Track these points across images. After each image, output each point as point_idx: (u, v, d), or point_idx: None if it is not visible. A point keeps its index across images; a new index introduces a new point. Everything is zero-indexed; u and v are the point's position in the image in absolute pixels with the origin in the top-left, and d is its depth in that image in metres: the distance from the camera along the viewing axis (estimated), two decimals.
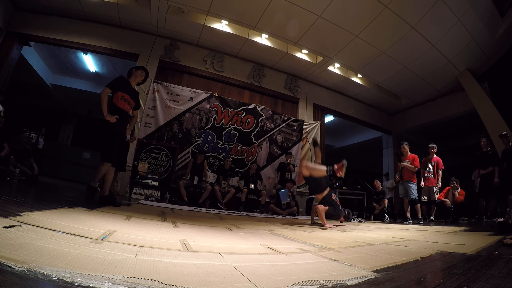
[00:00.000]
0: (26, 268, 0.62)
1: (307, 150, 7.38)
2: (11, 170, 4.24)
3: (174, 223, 2.12)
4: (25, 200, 2.23)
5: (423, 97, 7.92)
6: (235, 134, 6.57)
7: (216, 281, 0.72)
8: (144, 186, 5.04)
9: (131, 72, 3.14)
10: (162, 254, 1.00)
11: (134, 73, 3.11)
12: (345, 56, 6.42)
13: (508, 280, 0.95)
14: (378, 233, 2.72)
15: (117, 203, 2.84)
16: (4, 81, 5.70)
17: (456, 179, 5.77)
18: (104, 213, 2.10)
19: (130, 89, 3.06)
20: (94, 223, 1.52)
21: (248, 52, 6.71)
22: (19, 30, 5.63)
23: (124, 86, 2.98)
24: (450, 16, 4.96)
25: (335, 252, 1.41)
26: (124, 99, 2.94)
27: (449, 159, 8.26)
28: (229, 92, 6.86)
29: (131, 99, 3.04)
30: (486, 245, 1.84)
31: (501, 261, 1.33)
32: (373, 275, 0.93)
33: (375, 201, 6.11)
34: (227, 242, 1.55)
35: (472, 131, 7.97)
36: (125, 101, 2.94)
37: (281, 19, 5.38)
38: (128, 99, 2.98)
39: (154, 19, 5.76)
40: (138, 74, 3.13)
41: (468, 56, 6.06)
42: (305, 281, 0.78)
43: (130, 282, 0.63)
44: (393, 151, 8.79)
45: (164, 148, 5.89)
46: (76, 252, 0.82)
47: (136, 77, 3.13)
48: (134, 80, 3.13)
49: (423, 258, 1.36)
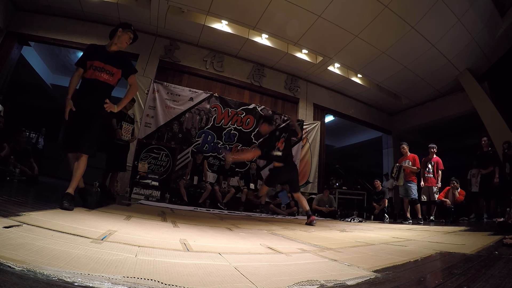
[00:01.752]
0: (26, 268, 0.62)
1: (307, 150, 7.38)
2: (11, 170, 4.24)
3: (174, 223, 2.12)
4: (25, 200, 2.23)
5: (423, 97, 7.92)
6: (235, 134, 6.57)
7: (216, 281, 0.72)
8: (144, 186, 5.04)
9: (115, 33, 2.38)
10: (162, 254, 1.00)
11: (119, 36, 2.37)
12: (345, 56, 6.42)
13: (508, 280, 0.95)
14: (378, 233, 2.72)
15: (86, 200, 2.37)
16: (4, 81, 5.70)
17: (456, 179, 5.78)
18: (104, 213, 2.11)
19: (106, 54, 2.34)
20: (94, 223, 1.52)
21: (248, 52, 6.71)
22: (19, 30, 5.63)
23: (94, 54, 2.32)
24: (450, 16, 4.96)
25: (335, 252, 1.40)
26: (95, 67, 2.28)
27: (449, 159, 8.27)
28: (229, 92, 6.86)
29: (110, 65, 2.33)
30: (486, 245, 1.84)
31: (501, 261, 1.33)
32: (373, 275, 0.93)
33: (375, 201, 6.11)
34: (227, 242, 1.55)
35: (472, 131, 7.98)
36: (96, 69, 2.27)
37: (281, 19, 5.38)
38: (101, 66, 2.29)
39: (154, 19, 5.76)
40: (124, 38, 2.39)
41: (468, 56, 6.06)
42: (305, 281, 0.78)
43: (130, 282, 0.63)
44: (393, 152, 8.80)
45: (164, 148, 5.89)
46: (76, 252, 0.82)
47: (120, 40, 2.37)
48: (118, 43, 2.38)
49: (423, 258, 1.36)
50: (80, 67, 2.30)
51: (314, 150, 7.43)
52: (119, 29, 2.37)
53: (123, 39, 2.39)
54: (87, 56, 2.31)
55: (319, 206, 6.14)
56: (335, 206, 6.32)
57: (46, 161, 7.43)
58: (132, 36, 2.44)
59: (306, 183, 7.19)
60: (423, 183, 5.35)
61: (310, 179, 7.25)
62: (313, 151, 7.42)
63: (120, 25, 2.41)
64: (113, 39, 2.38)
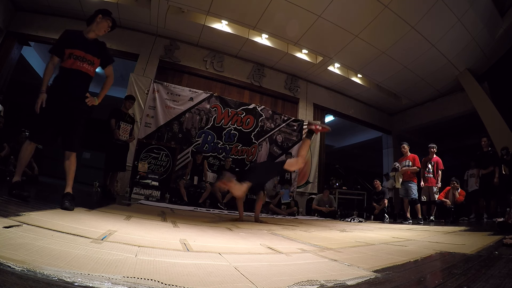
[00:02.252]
0: (26, 268, 0.62)
1: (307, 150, 7.38)
2: (11, 170, 4.25)
3: (174, 223, 2.12)
4: (25, 200, 2.23)
5: (423, 97, 7.92)
6: (235, 134, 6.57)
7: (216, 281, 0.72)
8: (144, 186, 5.04)
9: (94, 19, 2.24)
10: (162, 254, 1.00)
11: (98, 22, 2.22)
12: (345, 56, 6.42)
13: (508, 280, 0.95)
14: (378, 233, 2.72)
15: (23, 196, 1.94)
16: (4, 81, 5.70)
17: (457, 179, 5.78)
18: (104, 213, 2.11)
19: (85, 42, 2.19)
20: (94, 223, 1.52)
21: (248, 52, 6.71)
22: (19, 30, 5.63)
23: (72, 41, 2.15)
24: (450, 16, 4.96)
25: (335, 252, 1.40)
26: (76, 56, 2.12)
27: (449, 159, 8.27)
28: (229, 92, 6.86)
29: (91, 54, 2.19)
30: (486, 245, 1.84)
31: (501, 261, 1.33)
32: (373, 275, 0.93)
33: (375, 201, 6.11)
34: (227, 242, 1.55)
35: (472, 131, 7.97)
36: (76, 58, 2.13)
37: (281, 19, 5.38)
38: (82, 56, 2.15)
39: (154, 19, 5.76)
40: (103, 25, 2.24)
41: (468, 56, 6.06)
42: (305, 281, 0.78)
43: (130, 282, 0.63)
44: (393, 152, 8.80)
45: (164, 148, 5.89)
46: (76, 252, 0.82)
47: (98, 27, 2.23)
48: (96, 30, 2.23)
49: (423, 258, 1.36)
50: (56, 55, 2.14)
51: (314, 150, 7.43)
52: (99, 15, 2.23)
53: (102, 26, 2.25)
54: (65, 43, 2.14)
55: (319, 206, 6.14)
56: (335, 206, 6.32)
57: (46, 161, 7.43)
58: (111, 24, 2.31)
59: (306, 183, 7.19)
60: (423, 183, 5.35)
61: (310, 179, 7.25)
62: (313, 151, 7.42)
63: (100, 11, 2.27)
64: (91, 25, 2.24)
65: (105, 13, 2.26)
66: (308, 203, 6.74)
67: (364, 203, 7.29)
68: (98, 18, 2.24)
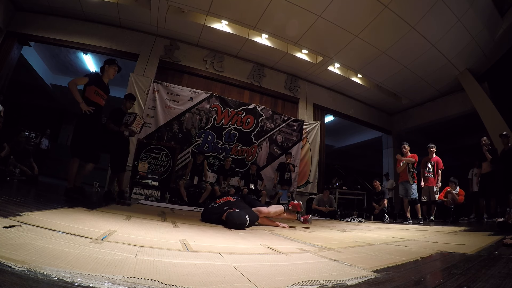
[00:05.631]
0: (26, 268, 0.62)
1: (307, 150, 7.39)
2: (11, 170, 4.25)
3: (174, 223, 2.12)
4: (25, 200, 2.23)
5: (423, 97, 7.92)
6: (235, 134, 6.56)
7: (216, 281, 0.72)
8: (144, 186, 5.04)
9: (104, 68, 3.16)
10: (162, 254, 1.00)
11: (107, 70, 3.14)
12: (345, 56, 6.41)
13: (508, 280, 0.95)
14: (378, 233, 2.72)
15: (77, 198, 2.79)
16: (4, 81, 5.70)
17: (455, 179, 5.78)
18: (104, 213, 2.10)
19: (104, 84, 3.14)
20: (94, 223, 1.52)
21: (248, 52, 6.71)
22: (19, 30, 5.63)
23: (98, 82, 3.06)
24: (450, 16, 4.96)
25: (335, 252, 1.41)
26: (98, 93, 3.03)
27: (449, 159, 8.27)
28: (229, 92, 6.86)
29: (106, 94, 3.16)
30: (486, 245, 1.84)
31: (501, 261, 1.33)
32: (373, 275, 0.93)
33: (375, 201, 6.11)
34: (227, 242, 1.55)
35: (472, 131, 7.98)
36: (98, 95, 3.03)
37: (281, 19, 5.38)
38: (102, 94, 3.07)
39: (154, 19, 5.76)
40: (111, 71, 3.16)
41: (468, 56, 6.06)
42: (305, 281, 0.78)
43: (130, 282, 0.63)
44: (393, 152, 8.79)
45: (164, 148, 5.88)
46: (76, 252, 0.82)
47: (109, 74, 3.15)
48: (107, 77, 3.16)
49: (423, 258, 1.36)
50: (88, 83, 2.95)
51: (314, 150, 7.43)
52: (106, 66, 3.12)
53: (110, 73, 3.16)
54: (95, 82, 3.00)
55: (319, 206, 6.14)
56: (335, 206, 6.32)
57: (51, 162, 7.43)
58: (117, 68, 3.20)
59: (306, 183, 7.19)
60: (423, 183, 5.35)
61: (310, 179, 7.25)
62: (313, 151, 7.42)
63: (106, 62, 3.15)
64: (103, 73, 3.15)
65: (110, 62, 3.16)
66: (308, 203, 6.74)
67: (364, 203, 7.29)
68: (106, 67, 3.14)
